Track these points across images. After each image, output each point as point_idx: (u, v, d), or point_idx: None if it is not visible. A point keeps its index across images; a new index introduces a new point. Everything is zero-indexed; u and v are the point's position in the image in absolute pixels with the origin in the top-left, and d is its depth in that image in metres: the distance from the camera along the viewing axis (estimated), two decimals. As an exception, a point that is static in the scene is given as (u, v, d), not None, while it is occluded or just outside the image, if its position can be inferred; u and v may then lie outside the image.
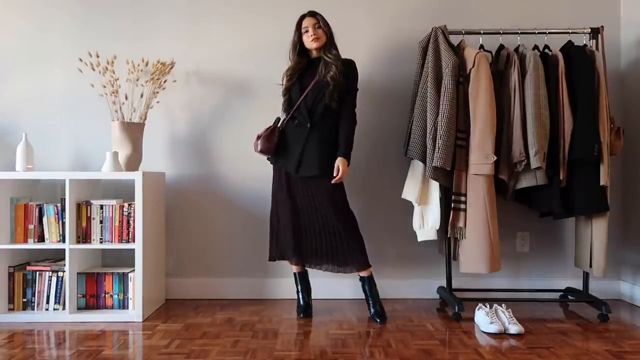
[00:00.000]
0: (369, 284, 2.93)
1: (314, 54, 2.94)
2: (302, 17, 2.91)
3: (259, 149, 2.91)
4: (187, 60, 3.37)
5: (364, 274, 2.92)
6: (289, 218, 2.91)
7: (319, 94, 2.85)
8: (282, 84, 2.96)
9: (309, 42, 2.88)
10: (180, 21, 3.40)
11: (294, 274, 3.06)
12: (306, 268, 3.05)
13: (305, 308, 3.01)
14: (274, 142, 2.90)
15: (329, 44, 2.89)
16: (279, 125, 2.95)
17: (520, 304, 3.11)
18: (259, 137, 2.91)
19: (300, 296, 3.04)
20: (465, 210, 2.91)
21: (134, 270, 3.00)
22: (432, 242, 3.15)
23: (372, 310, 2.92)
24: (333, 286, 3.29)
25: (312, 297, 3.08)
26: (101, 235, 2.99)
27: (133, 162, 3.10)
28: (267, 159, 2.99)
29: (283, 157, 2.92)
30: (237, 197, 3.40)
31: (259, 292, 3.38)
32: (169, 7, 3.40)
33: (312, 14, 2.90)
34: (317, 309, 3.05)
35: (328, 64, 2.85)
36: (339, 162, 2.82)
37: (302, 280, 3.06)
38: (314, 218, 2.88)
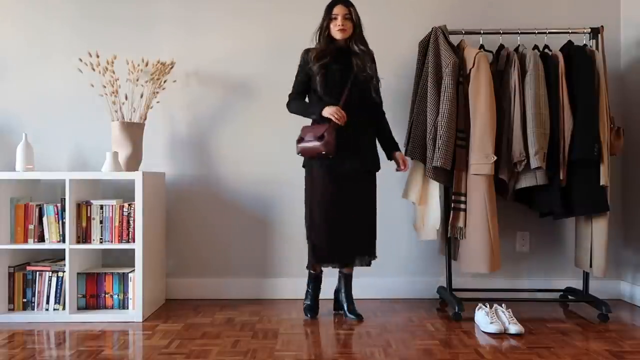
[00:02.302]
0: (351, 281, 3.01)
1: (341, 43, 2.86)
2: (334, 3, 2.83)
3: (324, 151, 2.73)
4: (187, 61, 3.37)
5: (348, 271, 2.99)
6: (330, 218, 2.81)
7: (361, 87, 2.83)
8: (311, 62, 2.83)
9: (335, 30, 2.81)
10: (180, 21, 3.40)
11: (312, 274, 2.99)
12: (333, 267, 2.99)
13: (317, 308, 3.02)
14: (335, 140, 2.74)
15: (359, 36, 2.85)
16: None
17: (520, 304, 3.11)
18: (319, 138, 2.72)
19: (312, 296, 3.01)
20: (465, 210, 2.91)
21: (134, 270, 3.00)
22: (432, 242, 3.15)
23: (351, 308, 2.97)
24: (333, 286, 3.28)
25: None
26: (101, 235, 2.99)
27: (133, 162, 3.10)
28: (307, 159, 2.88)
29: (342, 154, 2.77)
30: (237, 197, 3.40)
31: (258, 292, 3.38)
32: (169, 7, 3.40)
33: (346, 3, 2.83)
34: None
35: (362, 58, 2.83)
36: (400, 156, 2.98)
37: (318, 281, 3.02)
38: (351, 214, 2.82)
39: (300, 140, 2.81)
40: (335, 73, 2.81)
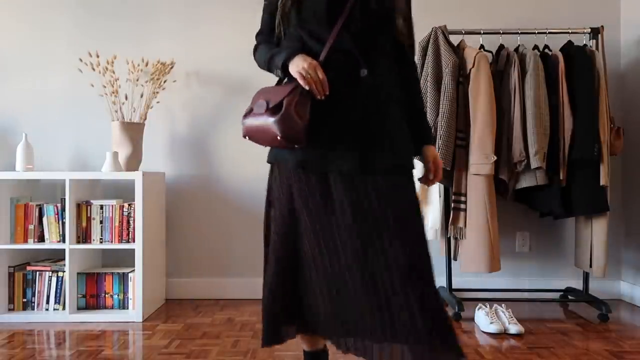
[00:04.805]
0: None
1: None
2: None
3: (280, 136, 1.48)
4: (187, 61, 3.37)
5: None
6: (307, 253, 1.68)
7: (372, 15, 1.54)
8: None
9: None
10: (180, 21, 3.40)
11: (305, 353, 1.87)
12: (326, 344, 1.80)
13: None
14: (307, 119, 1.49)
15: None
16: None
17: (520, 304, 3.11)
18: (274, 110, 1.50)
19: None
20: (465, 210, 2.91)
21: (134, 270, 3.00)
22: (432, 242, 3.15)
23: None
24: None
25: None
26: (101, 235, 2.99)
27: (133, 162, 3.10)
28: (271, 158, 1.73)
29: (322, 146, 1.53)
30: (237, 197, 3.40)
31: (259, 292, 3.35)
32: (169, 7, 3.40)
33: None
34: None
35: None
36: (430, 153, 1.67)
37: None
38: (357, 247, 1.53)
39: (248, 112, 1.63)
40: None
